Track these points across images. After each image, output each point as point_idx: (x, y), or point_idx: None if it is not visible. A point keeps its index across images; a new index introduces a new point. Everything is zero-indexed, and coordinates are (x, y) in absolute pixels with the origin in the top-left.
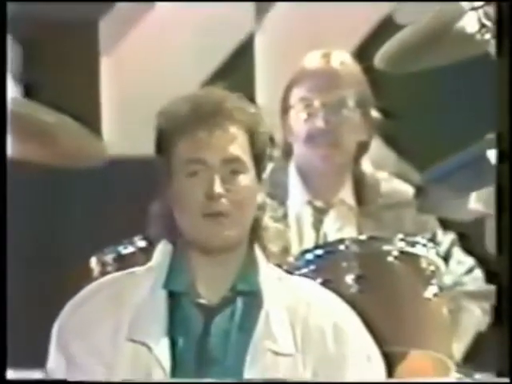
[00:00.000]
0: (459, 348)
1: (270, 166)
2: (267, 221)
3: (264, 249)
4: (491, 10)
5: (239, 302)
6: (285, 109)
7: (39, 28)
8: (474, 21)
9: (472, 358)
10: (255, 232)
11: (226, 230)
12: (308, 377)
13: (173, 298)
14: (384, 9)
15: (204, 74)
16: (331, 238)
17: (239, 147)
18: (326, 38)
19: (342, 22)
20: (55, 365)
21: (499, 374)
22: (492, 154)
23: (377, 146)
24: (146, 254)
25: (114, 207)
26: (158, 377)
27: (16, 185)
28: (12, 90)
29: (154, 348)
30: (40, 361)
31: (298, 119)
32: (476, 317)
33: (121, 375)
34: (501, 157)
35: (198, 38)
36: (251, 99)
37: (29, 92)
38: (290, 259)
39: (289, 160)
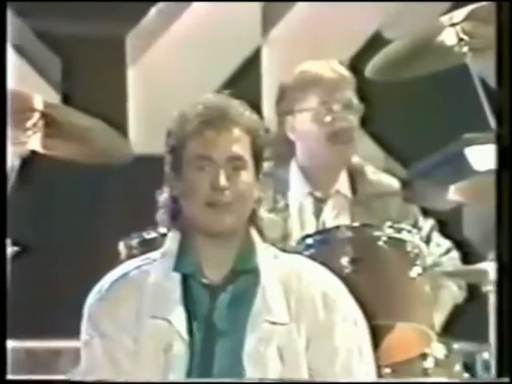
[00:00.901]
0: (439, 320)
1: (271, 164)
2: (262, 212)
3: (261, 234)
4: (468, 25)
5: (239, 280)
6: (288, 111)
7: (75, 44)
8: (452, 35)
9: (450, 329)
10: (252, 221)
11: (226, 216)
12: (302, 342)
13: (183, 278)
14: (374, 25)
15: (217, 82)
16: (329, 224)
17: (242, 147)
18: (324, 51)
19: (339, 36)
20: (90, 338)
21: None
22: (469, 152)
23: (367, 144)
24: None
25: (138, 199)
26: (178, 347)
27: (58, 180)
28: (52, 98)
29: (174, 322)
30: (76, 332)
31: (315, 120)
32: (453, 292)
33: (146, 348)
34: (501, 156)
35: (211, 51)
36: (258, 105)
37: (66, 99)
38: (292, 244)
39: (290, 157)
